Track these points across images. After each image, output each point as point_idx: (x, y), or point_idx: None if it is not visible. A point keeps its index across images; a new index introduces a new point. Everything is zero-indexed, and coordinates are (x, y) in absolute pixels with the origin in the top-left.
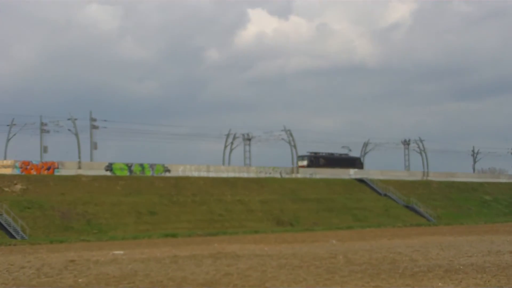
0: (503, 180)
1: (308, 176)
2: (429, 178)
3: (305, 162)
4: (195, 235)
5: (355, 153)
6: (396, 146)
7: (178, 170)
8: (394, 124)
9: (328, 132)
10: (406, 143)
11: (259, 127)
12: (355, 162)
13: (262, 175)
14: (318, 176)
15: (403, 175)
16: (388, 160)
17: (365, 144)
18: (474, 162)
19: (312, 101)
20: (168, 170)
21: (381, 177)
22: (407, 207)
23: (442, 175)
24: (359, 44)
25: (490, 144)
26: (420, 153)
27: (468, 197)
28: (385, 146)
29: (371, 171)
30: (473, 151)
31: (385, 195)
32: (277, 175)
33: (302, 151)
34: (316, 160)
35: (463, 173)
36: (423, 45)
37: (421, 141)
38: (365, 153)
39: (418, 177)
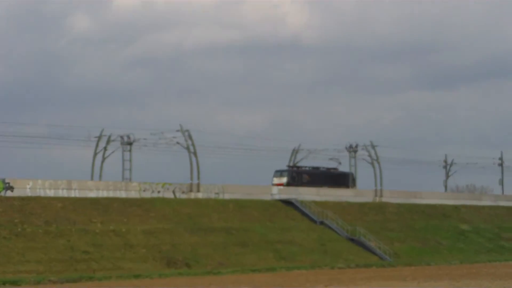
0: (486, 202)
1: (213, 196)
2: (384, 200)
3: (284, 179)
4: (47, 282)
5: (279, 162)
6: (339, 154)
7: (25, 188)
8: (337, 123)
9: (244, 134)
10: (353, 149)
11: (145, 127)
12: (346, 179)
13: (148, 194)
14: (231, 197)
15: (347, 195)
16: None
17: (295, 151)
18: (447, 176)
19: (221, 90)
20: (10, 188)
21: (316, 198)
22: (351, 240)
23: (402, 195)
24: (289, 11)
25: (470, 151)
26: (372, 164)
27: (437, 226)
28: (323, 153)
29: (303, 189)
30: (445, 161)
31: (322, 223)
32: (169, 195)
33: (211, 160)
34: (298, 177)
35: (431, 193)
36: (381, 15)
37: (373, 146)
38: (294, 164)
39: (368, 197)
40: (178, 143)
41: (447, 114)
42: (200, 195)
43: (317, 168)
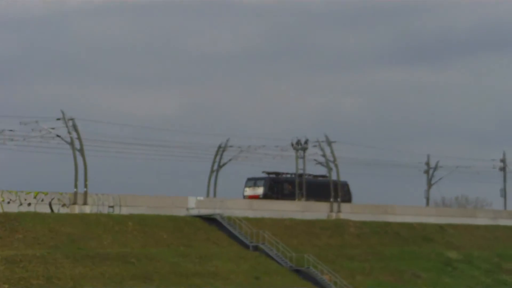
0: (482, 220)
1: (106, 210)
2: (343, 216)
3: (259, 190)
4: None
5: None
6: (282, 153)
7: None
8: (280, 111)
9: (149, 124)
10: (301, 146)
11: (12, 112)
12: (340, 190)
13: (14, 208)
14: (131, 211)
15: (293, 209)
16: None
17: (220, 149)
18: (429, 185)
19: (117, 63)
20: None
21: (249, 213)
22: (297, 272)
23: (368, 210)
24: None
25: (461, 150)
26: (327, 166)
27: (416, 253)
28: (261, 152)
29: (231, 200)
30: (427, 164)
31: (256, 248)
32: (44, 209)
33: (104, 160)
34: (278, 187)
35: (408, 207)
36: None
37: (329, 143)
38: (219, 166)
39: (320, 213)
40: (58, 136)
41: (430, 99)
42: (87, 209)
43: (300, 175)
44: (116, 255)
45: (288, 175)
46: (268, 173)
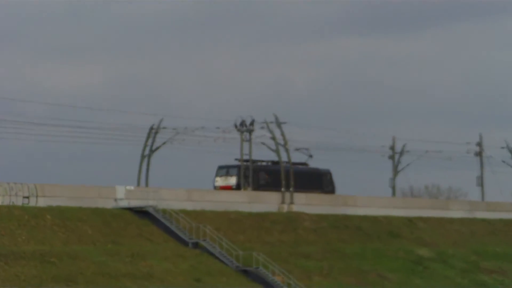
0: (457, 213)
1: (20, 202)
2: (296, 209)
3: (232, 180)
4: None
5: None
6: (225, 135)
7: None
8: (222, 86)
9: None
10: (246, 128)
11: None
12: (321, 179)
13: None
14: (50, 203)
15: (239, 201)
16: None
17: (153, 131)
18: (395, 172)
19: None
20: None
21: (188, 205)
22: (244, 272)
23: (325, 202)
24: None
25: (432, 132)
26: (277, 152)
27: (381, 250)
28: (199, 134)
29: (165, 190)
30: (392, 148)
31: (197, 245)
32: None
33: (16, 144)
34: (254, 176)
35: (371, 198)
36: None
37: (279, 124)
38: (151, 150)
39: (271, 205)
40: None
41: (398, 73)
42: None
43: (278, 163)
44: (33, 254)
45: (264, 163)
46: (241, 161)
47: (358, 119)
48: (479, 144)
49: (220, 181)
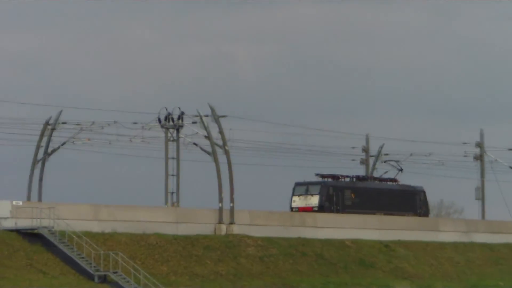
0: (448, 236)
1: None
2: (237, 231)
3: (314, 200)
4: None
5: None
6: (145, 133)
7: None
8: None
9: None
10: (173, 123)
11: None
12: (415, 199)
13: None
14: None
15: (161, 220)
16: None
17: (49, 127)
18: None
19: None
20: None
21: (94, 226)
22: None
23: (277, 221)
24: None
25: (416, 128)
26: (213, 155)
27: (349, 285)
28: (111, 131)
29: (65, 206)
30: (366, 150)
31: (105, 279)
32: None
33: None
34: (339, 195)
35: (337, 216)
36: None
37: (216, 117)
38: (47, 153)
39: (206, 226)
40: None
41: (374, 51)
42: None
43: (363, 177)
44: None
45: (347, 179)
46: (324, 176)
47: (321, 111)
48: (480, 144)
49: (298, 202)
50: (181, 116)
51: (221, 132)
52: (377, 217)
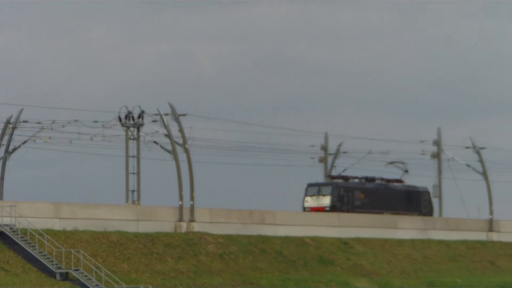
0: (407, 233)
1: None
2: (198, 228)
3: (326, 200)
4: None
5: None
6: (105, 132)
7: None
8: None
9: None
10: (133, 121)
11: None
12: (420, 199)
13: None
14: None
15: (122, 218)
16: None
17: (10, 126)
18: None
19: None
20: None
21: (56, 224)
22: None
23: (236, 219)
24: None
25: (374, 126)
26: (173, 154)
27: (308, 282)
28: (72, 130)
29: (26, 204)
30: (324, 148)
31: (67, 276)
32: None
33: None
34: (349, 196)
35: (296, 214)
36: None
37: (178, 116)
38: (8, 152)
39: (166, 223)
40: None
41: (333, 48)
42: None
43: (372, 178)
44: None
45: (356, 180)
46: (334, 177)
47: (281, 110)
48: (437, 142)
49: (310, 202)
50: (141, 115)
51: (181, 130)
52: (336, 214)
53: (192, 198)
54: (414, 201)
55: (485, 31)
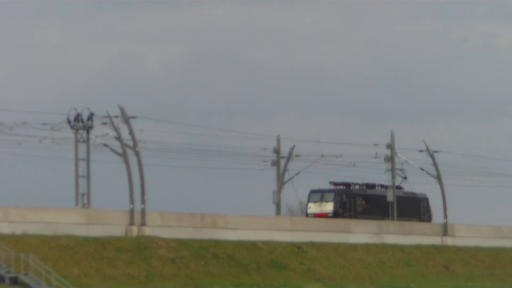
0: (360, 236)
1: None
2: (149, 232)
3: (329, 207)
4: None
5: None
6: (54, 134)
7: None
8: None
9: None
10: (82, 124)
11: None
12: (419, 206)
13: None
14: None
15: (72, 221)
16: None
17: None
18: (281, 183)
19: None
20: None
21: (4, 228)
22: None
23: (187, 222)
24: None
25: (327, 129)
26: (123, 156)
27: (261, 286)
28: (20, 133)
29: None
30: (276, 151)
31: (16, 280)
32: None
33: None
34: (351, 202)
35: (248, 218)
36: None
37: (127, 118)
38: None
39: (116, 227)
40: None
41: (282, 52)
42: None
43: (372, 185)
44: None
45: (357, 187)
46: (335, 184)
47: (232, 112)
48: (390, 146)
49: (313, 208)
50: (90, 117)
51: (131, 133)
52: (289, 218)
53: (143, 202)
54: (413, 208)
55: (434, 33)
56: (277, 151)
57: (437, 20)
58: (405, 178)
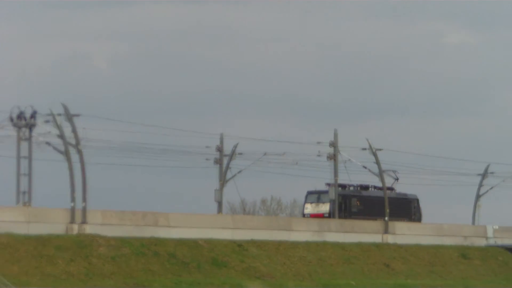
0: (301, 234)
1: None
2: (90, 230)
3: (325, 207)
4: None
5: None
6: None
7: None
8: None
9: None
10: (26, 122)
11: None
12: (410, 206)
13: None
14: None
15: (12, 219)
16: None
17: None
18: (223, 182)
19: None
20: None
21: None
22: None
23: (128, 220)
24: None
25: (269, 127)
26: (66, 155)
27: (202, 284)
28: None
29: None
30: (220, 149)
31: None
32: None
33: None
34: (346, 203)
35: (189, 216)
36: None
37: (71, 116)
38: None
39: (57, 225)
40: None
41: (227, 49)
42: None
43: (365, 187)
44: None
45: (352, 188)
46: (332, 185)
47: (176, 110)
48: (333, 144)
49: (310, 208)
50: (33, 115)
51: (74, 131)
52: (230, 216)
53: (84, 200)
54: (404, 208)
55: (382, 33)
56: (220, 149)
57: (385, 19)
58: (397, 179)
